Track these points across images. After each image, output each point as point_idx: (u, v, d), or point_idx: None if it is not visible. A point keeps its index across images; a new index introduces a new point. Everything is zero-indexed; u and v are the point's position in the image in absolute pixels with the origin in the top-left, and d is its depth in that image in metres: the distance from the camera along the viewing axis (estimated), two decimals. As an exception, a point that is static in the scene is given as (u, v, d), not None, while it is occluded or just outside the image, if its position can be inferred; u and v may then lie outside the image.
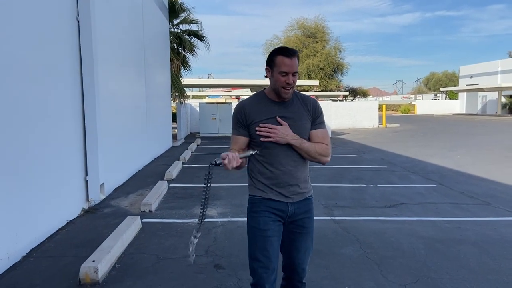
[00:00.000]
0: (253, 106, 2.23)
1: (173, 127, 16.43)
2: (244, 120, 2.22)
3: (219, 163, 1.94)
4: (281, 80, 2.16)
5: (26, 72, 4.21)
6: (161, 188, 6.51)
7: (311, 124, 2.27)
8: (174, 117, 18.30)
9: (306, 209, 2.31)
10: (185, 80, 18.69)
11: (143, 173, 8.58)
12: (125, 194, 6.60)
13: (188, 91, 22.89)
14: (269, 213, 2.23)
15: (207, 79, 38.45)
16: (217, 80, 29.58)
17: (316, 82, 29.87)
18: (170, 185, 7.18)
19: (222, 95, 42.15)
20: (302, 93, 2.40)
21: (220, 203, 6.00)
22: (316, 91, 38.29)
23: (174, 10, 14.93)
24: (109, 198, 6.29)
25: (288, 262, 2.36)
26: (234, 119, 2.28)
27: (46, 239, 4.42)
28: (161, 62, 12.53)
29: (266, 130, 2.16)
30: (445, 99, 52.64)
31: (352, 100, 44.18)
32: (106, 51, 6.61)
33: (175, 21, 16.20)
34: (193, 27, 16.78)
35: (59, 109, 5.02)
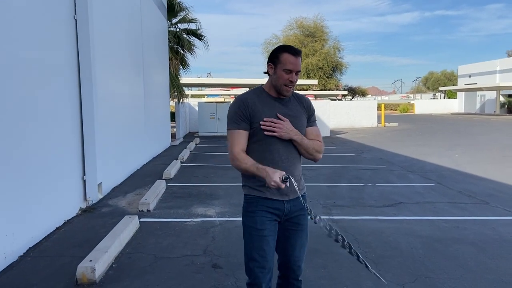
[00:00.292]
0: (255, 101, 2.20)
1: (172, 126, 16.41)
2: (248, 114, 2.17)
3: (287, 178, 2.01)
4: (285, 78, 2.16)
5: (23, 72, 4.19)
6: (159, 188, 6.50)
7: (306, 122, 2.31)
8: (173, 116, 18.28)
9: (301, 206, 2.31)
10: (184, 79, 18.68)
11: (141, 173, 8.56)
12: (123, 194, 6.58)
13: (187, 90, 22.89)
14: (266, 213, 2.22)
15: (206, 79, 38.39)
16: (216, 80, 29.56)
17: (315, 82, 29.87)
18: (169, 185, 7.16)
19: (221, 95, 42.14)
20: (296, 92, 2.42)
21: (218, 203, 5.99)
22: (315, 91, 38.30)
23: (173, 9, 14.91)
24: (107, 198, 6.28)
25: (284, 260, 2.36)
26: (235, 113, 2.18)
27: (44, 239, 4.40)
28: (160, 61, 12.51)
29: (271, 124, 2.15)
30: (444, 99, 52.71)
31: (351, 100, 44.19)
32: (104, 50, 6.59)
33: (174, 20, 16.19)
34: (192, 26, 16.78)
35: (57, 109, 5.00)
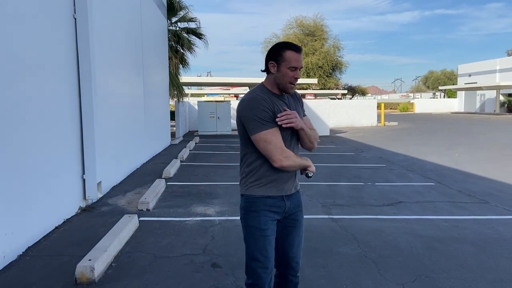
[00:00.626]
0: (268, 99, 2.18)
1: (172, 125, 16.39)
2: (272, 112, 2.14)
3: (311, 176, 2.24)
4: (290, 75, 2.17)
5: (21, 70, 4.18)
6: (159, 187, 6.49)
7: None
8: (173, 115, 18.26)
9: (298, 203, 2.37)
10: (184, 78, 18.65)
11: (141, 171, 8.56)
12: (123, 193, 6.58)
13: (187, 89, 22.87)
14: (268, 212, 2.23)
15: (206, 77, 38.36)
16: (216, 78, 29.51)
17: (315, 81, 29.81)
18: (168, 184, 7.16)
19: (221, 94, 42.13)
20: None
21: (218, 202, 5.98)
22: (315, 90, 38.27)
23: (173, 8, 14.88)
24: (107, 197, 6.27)
25: (283, 258, 2.37)
26: (262, 112, 2.10)
27: (43, 238, 4.39)
28: (160, 60, 12.49)
29: (287, 117, 2.14)
30: (444, 98, 52.68)
31: (351, 99, 44.14)
32: (104, 49, 6.57)
33: (174, 19, 16.15)
34: (192, 25, 16.73)
35: (56, 107, 4.99)
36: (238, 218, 2.83)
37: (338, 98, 37.45)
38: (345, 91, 42.71)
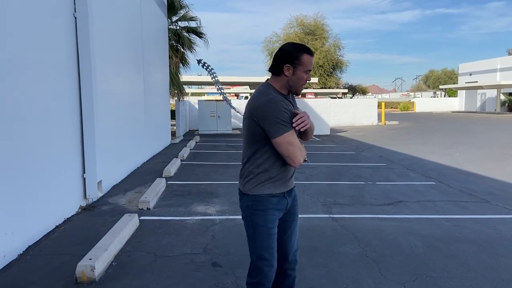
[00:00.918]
0: (284, 100, 2.19)
1: (172, 124, 16.39)
2: (290, 112, 2.17)
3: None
4: (304, 78, 2.21)
5: (21, 69, 4.17)
6: (159, 186, 6.49)
7: None
8: (173, 114, 18.25)
9: (295, 197, 2.43)
10: (184, 77, 18.66)
11: (141, 171, 8.55)
12: (123, 192, 6.57)
13: (187, 88, 22.86)
14: (274, 211, 2.26)
15: (206, 77, 38.33)
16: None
17: (315, 80, 29.81)
18: (168, 183, 7.15)
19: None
20: None
21: (219, 201, 5.98)
22: (315, 89, 38.26)
23: (173, 7, 14.87)
24: (107, 196, 6.27)
25: (281, 253, 2.38)
26: (284, 114, 2.11)
27: (43, 237, 4.39)
28: (160, 59, 12.48)
29: (302, 119, 2.18)
30: (444, 97, 52.63)
31: (351, 98, 44.12)
32: (104, 48, 6.56)
33: (174, 18, 16.14)
34: (192, 24, 16.72)
35: (56, 106, 4.98)
36: (239, 217, 2.82)
37: (339, 97, 37.43)
38: (346, 90, 42.71)
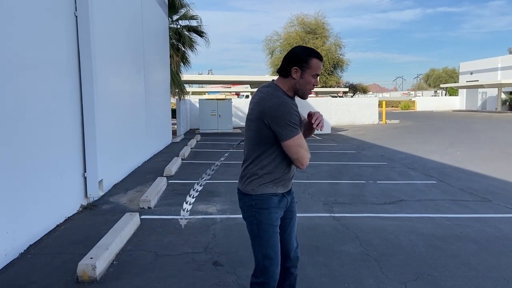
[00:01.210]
0: (294, 102, 2.22)
1: (173, 123, 16.40)
2: (299, 115, 2.20)
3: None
4: (311, 82, 2.21)
5: (22, 68, 4.17)
6: (160, 185, 6.49)
7: None
8: (174, 113, 18.25)
9: (292, 194, 2.44)
10: (185, 76, 18.63)
11: (142, 170, 8.56)
12: (124, 191, 6.58)
13: (188, 87, 22.83)
14: (276, 209, 2.27)
15: (207, 75, 38.36)
16: (217, 76, 29.52)
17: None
18: (169, 182, 7.15)
19: (222, 91, 42.12)
20: None
21: (219, 200, 5.98)
22: (316, 87, 38.15)
23: (174, 6, 14.85)
24: (108, 195, 6.27)
25: (283, 252, 2.38)
26: (295, 117, 2.11)
27: (44, 236, 4.39)
28: (161, 58, 12.47)
29: (320, 118, 2.22)
30: (445, 96, 52.57)
31: (352, 97, 44.06)
32: (105, 47, 6.56)
33: (175, 17, 16.13)
34: (193, 23, 16.71)
35: (57, 106, 4.98)
36: (240, 216, 2.82)
37: (339, 96, 37.39)
38: (347, 89, 42.63)
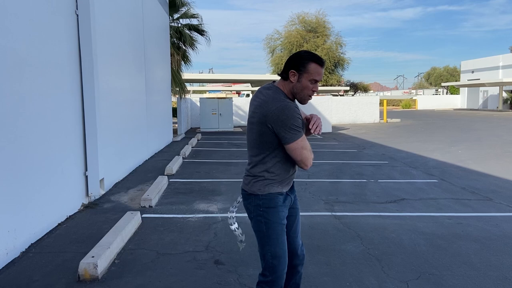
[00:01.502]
0: (296, 105, 2.23)
1: (174, 122, 16.40)
2: (302, 118, 2.21)
3: None
4: (310, 88, 2.19)
5: (22, 67, 4.17)
6: (161, 183, 6.49)
7: None
8: (175, 112, 18.26)
9: (294, 192, 2.45)
10: (186, 75, 18.62)
11: (143, 168, 8.56)
12: (125, 189, 6.58)
13: (189, 86, 22.84)
14: (282, 207, 2.27)
15: (208, 74, 38.36)
16: (218, 75, 29.47)
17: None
18: (170, 180, 7.16)
19: (223, 90, 42.12)
20: None
21: (221, 198, 5.98)
22: (317, 86, 38.10)
23: (174, 5, 14.84)
24: (109, 193, 6.27)
25: (290, 250, 2.38)
26: (298, 120, 2.12)
27: (46, 235, 4.40)
28: (162, 57, 12.47)
29: (317, 122, 2.22)
30: (446, 94, 52.48)
31: (353, 95, 44.05)
32: (106, 46, 6.56)
33: (175, 16, 16.13)
34: (194, 22, 16.71)
35: (58, 104, 4.98)
36: (241, 215, 2.82)
37: (340, 95, 37.36)
38: (347, 88, 42.63)
